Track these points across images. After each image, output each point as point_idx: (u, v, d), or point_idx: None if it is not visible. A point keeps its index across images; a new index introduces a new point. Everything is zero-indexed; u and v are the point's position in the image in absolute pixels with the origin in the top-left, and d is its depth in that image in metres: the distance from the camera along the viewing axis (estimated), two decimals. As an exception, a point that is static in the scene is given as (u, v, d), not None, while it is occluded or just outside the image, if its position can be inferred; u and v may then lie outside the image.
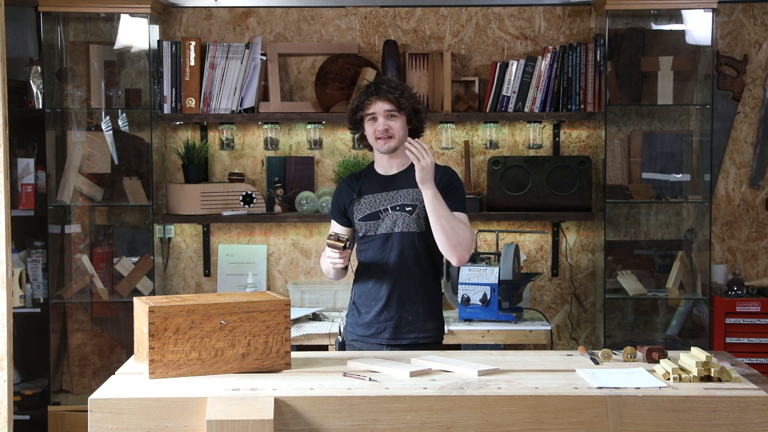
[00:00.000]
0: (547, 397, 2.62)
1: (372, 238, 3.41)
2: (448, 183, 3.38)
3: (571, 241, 4.84)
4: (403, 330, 3.39)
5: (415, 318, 3.39)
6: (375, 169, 3.50)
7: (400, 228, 3.37)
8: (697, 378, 2.74)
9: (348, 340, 3.49)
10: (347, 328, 3.52)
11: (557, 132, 4.79)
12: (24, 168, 4.61)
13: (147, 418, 2.58)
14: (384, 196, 3.42)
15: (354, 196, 3.45)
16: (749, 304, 4.49)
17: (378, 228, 3.40)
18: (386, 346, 3.38)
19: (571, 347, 4.79)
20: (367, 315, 3.43)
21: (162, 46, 4.62)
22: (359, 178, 3.51)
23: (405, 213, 3.38)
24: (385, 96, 3.36)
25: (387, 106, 3.36)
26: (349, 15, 4.81)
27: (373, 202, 3.43)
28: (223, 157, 4.84)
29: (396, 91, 3.37)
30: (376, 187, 3.44)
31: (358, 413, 2.60)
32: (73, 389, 4.64)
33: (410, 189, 3.39)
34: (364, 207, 3.43)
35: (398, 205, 3.39)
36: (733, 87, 4.75)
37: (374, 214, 3.41)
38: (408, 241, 3.37)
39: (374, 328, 3.41)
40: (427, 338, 3.41)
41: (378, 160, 3.49)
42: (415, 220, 3.37)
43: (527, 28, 4.79)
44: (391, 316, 3.39)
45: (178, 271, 4.87)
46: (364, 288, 3.45)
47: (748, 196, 4.82)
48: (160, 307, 2.79)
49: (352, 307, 3.51)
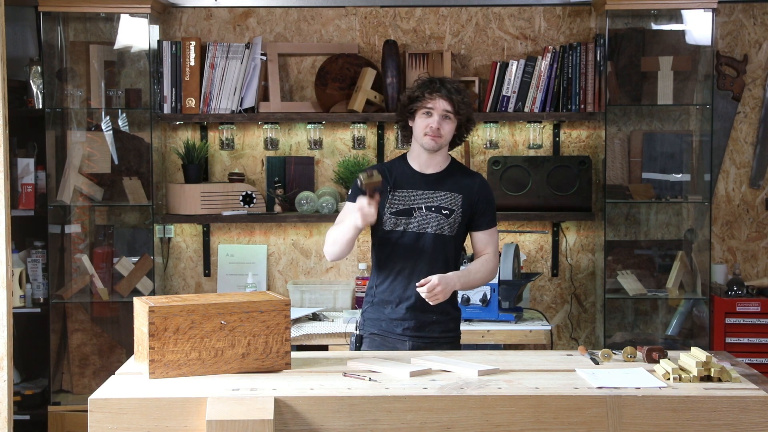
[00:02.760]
0: (547, 397, 2.62)
1: (401, 234, 3.37)
2: (482, 199, 3.43)
3: (571, 241, 4.84)
4: (427, 329, 3.40)
5: (439, 318, 3.41)
6: (410, 163, 3.46)
7: (434, 230, 3.36)
8: (697, 378, 2.74)
9: (367, 334, 3.45)
10: (365, 323, 3.48)
11: (557, 132, 4.79)
12: (24, 168, 4.61)
13: (147, 418, 2.58)
14: (420, 194, 3.39)
15: (388, 187, 3.38)
16: (749, 304, 4.49)
17: (409, 225, 3.36)
18: (408, 342, 3.38)
19: (571, 347, 4.79)
20: (391, 311, 3.40)
21: (162, 46, 4.62)
22: (391, 168, 3.45)
23: (441, 216, 3.37)
24: (448, 96, 3.33)
25: (447, 106, 3.33)
26: (349, 15, 4.81)
27: (408, 198, 3.39)
28: (223, 157, 4.84)
29: (459, 95, 3.35)
30: (412, 183, 3.40)
31: (358, 413, 2.60)
32: (73, 389, 4.64)
33: (449, 192, 3.39)
34: (398, 201, 3.38)
35: (434, 206, 3.37)
36: (733, 87, 4.75)
37: (408, 210, 3.37)
38: (440, 243, 3.37)
39: (397, 325, 3.39)
40: (447, 338, 3.44)
41: (416, 156, 3.44)
42: (450, 224, 3.37)
43: (527, 28, 4.79)
44: (416, 315, 3.38)
45: (178, 271, 4.87)
46: (389, 284, 3.41)
47: (748, 196, 4.82)
48: (160, 307, 2.79)
49: (372, 302, 3.46)
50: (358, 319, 3.57)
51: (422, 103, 3.34)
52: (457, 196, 3.39)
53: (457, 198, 3.39)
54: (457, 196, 3.39)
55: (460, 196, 3.40)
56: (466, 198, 3.40)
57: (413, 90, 3.40)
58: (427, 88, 3.35)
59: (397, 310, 3.40)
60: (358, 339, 3.48)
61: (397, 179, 3.41)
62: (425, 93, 3.34)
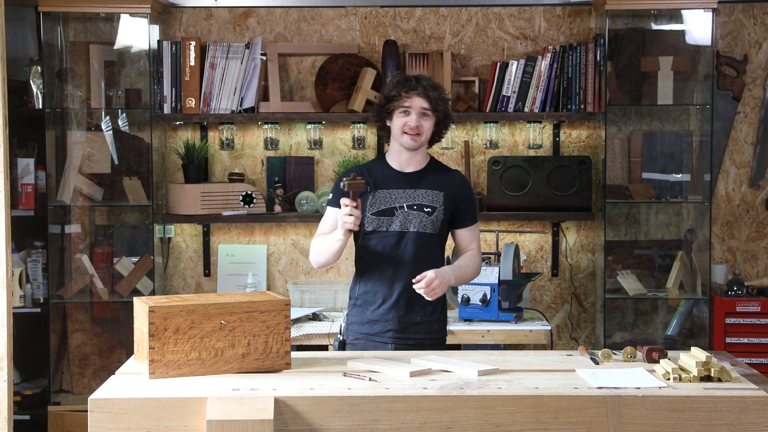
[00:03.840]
0: (547, 397, 2.62)
1: (384, 234, 3.35)
2: (463, 197, 3.42)
3: (571, 241, 4.84)
4: (410, 330, 3.37)
5: (423, 318, 3.38)
6: (389, 163, 3.45)
7: (416, 228, 3.34)
8: (697, 378, 2.74)
9: (350, 339, 3.44)
10: (349, 326, 3.46)
11: (557, 132, 4.79)
12: (24, 168, 4.61)
13: (147, 418, 2.58)
14: (401, 193, 3.37)
15: (368, 188, 3.37)
16: (749, 304, 4.49)
17: (391, 225, 3.35)
18: (391, 344, 3.35)
19: (571, 347, 4.79)
20: (374, 312, 3.38)
21: (162, 46, 4.62)
22: (370, 170, 3.43)
23: (423, 214, 3.35)
24: (425, 93, 3.32)
25: (424, 103, 3.32)
26: (349, 15, 4.81)
27: (389, 197, 3.37)
28: (223, 157, 4.84)
29: (435, 92, 3.35)
30: (393, 182, 3.39)
31: (358, 413, 2.60)
32: (73, 389, 4.64)
33: (430, 190, 3.38)
34: (378, 201, 3.36)
35: (416, 205, 3.36)
36: (733, 87, 4.75)
37: (389, 210, 3.36)
38: (423, 241, 3.35)
39: (380, 326, 3.37)
40: (432, 338, 3.40)
41: (395, 155, 3.43)
42: (432, 221, 3.36)
43: (527, 28, 4.79)
44: (399, 315, 3.36)
45: (178, 271, 4.87)
46: (372, 284, 3.39)
47: (748, 196, 4.82)
48: (160, 307, 2.79)
49: (356, 304, 3.45)
50: (342, 323, 3.55)
51: (399, 102, 3.33)
52: (438, 194, 3.38)
53: (439, 195, 3.38)
54: (438, 193, 3.38)
55: (442, 193, 3.38)
56: (448, 195, 3.39)
57: (389, 89, 3.38)
58: (403, 86, 3.34)
59: (379, 311, 3.37)
60: (341, 344, 3.46)
61: (377, 180, 3.39)
62: (402, 92, 3.33)
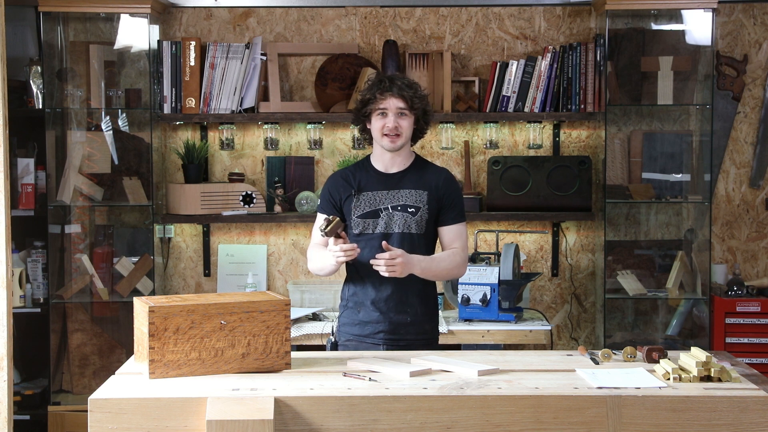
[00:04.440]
0: (547, 397, 2.62)
1: (370, 236, 3.35)
2: (448, 194, 3.39)
3: (571, 241, 4.84)
4: (401, 331, 3.37)
5: (414, 319, 3.37)
6: (373, 165, 3.45)
7: (401, 228, 3.34)
8: (697, 378, 2.74)
9: (342, 340, 3.44)
10: (341, 328, 3.46)
11: (557, 132, 4.79)
12: (24, 168, 4.61)
13: (147, 418, 2.58)
14: (385, 194, 3.38)
15: (352, 191, 3.38)
16: (749, 304, 4.49)
17: (377, 226, 3.35)
18: (382, 345, 3.35)
19: (571, 347, 4.79)
20: (365, 315, 3.38)
21: (162, 46, 4.62)
22: (355, 173, 3.44)
23: (407, 214, 3.35)
24: (399, 93, 3.31)
25: (400, 103, 3.31)
26: (349, 15, 4.81)
27: (373, 199, 3.37)
28: (223, 157, 4.84)
29: (410, 90, 3.33)
30: (376, 184, 3.39)
31: (358, 413, 2.60)
32: (73, 389, 4.64)
33: (413, 190, 3.37)
34: (363, 204, 3.37)
35: (400, 205, 3.35)
36: (733, 87, 4.75)
37: (374, 212, 3.36)
38: (409, 242, 3.33)
39: (371, 328, 3.37)
40: (423, 339, 3.40)
41: (378, 157, 3.43)
42: (416, 221, 3.35)
43: (527, 28, 4.79)
44: (390, 317, 3.35)
45: (178, 271, 4.87)
46: (361, 287, 3.39)
47: (748, 196, 4.82)
48: (160, 307, 2.79)
49: (347, 305, 3.45)
50: (334, 325, 3.56)
51: (375, 104, 3.33)
52: (422, 193, 3.36)
53: (422, 195, 3.36)
54: (422, 192, 3.36)
55: (425, 192, 3.37)
56: (432, 194, 3.37)
57: (365, 92, 3.38)
58: (377, 88, 3.33)
59: (370, 313, 3.37)
60: (333, 346, 3.47)
61: (361, 182, 3.40)
62: (376, 94, 3.32)
